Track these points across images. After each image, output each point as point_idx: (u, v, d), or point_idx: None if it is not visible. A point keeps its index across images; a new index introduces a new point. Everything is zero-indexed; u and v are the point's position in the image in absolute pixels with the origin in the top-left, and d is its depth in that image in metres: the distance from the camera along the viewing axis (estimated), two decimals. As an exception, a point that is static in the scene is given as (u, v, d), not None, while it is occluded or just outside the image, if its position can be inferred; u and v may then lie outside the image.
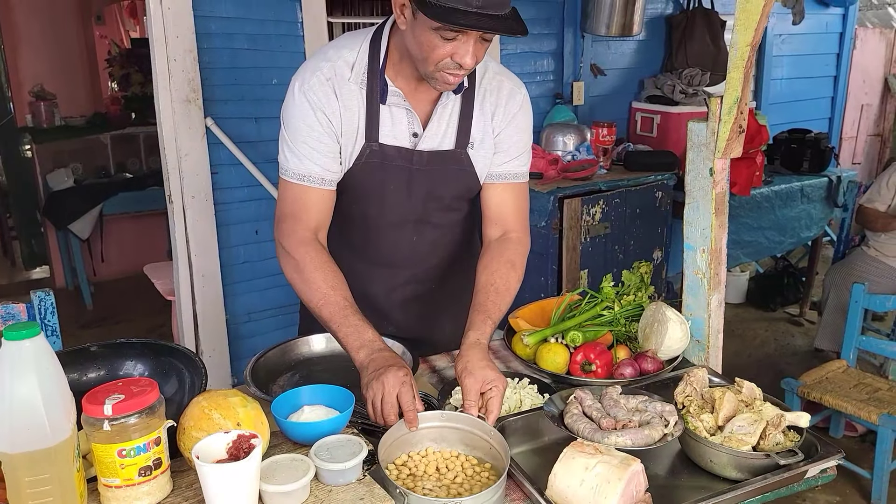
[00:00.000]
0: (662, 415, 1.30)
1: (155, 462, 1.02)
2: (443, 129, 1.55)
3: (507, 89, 1.59)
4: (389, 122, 1.52)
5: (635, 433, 1.25)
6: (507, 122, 1.59)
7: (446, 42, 1.33)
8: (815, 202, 3.92)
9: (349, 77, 1.48)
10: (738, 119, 1.56)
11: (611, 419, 1.29)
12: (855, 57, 5.33)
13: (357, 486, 1.10)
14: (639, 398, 1.35)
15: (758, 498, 1.27)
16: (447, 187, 1.61)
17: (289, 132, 1.50)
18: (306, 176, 1.50)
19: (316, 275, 1.45)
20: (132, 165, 4.99)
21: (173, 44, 2.62)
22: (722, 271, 1.71)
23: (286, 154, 1.51)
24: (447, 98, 1.54)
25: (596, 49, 3.97)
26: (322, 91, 1.46)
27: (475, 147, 1.57)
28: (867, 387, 2.79)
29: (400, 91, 1.50)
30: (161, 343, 1.42)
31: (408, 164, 1.55)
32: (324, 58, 1.49)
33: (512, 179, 1.62)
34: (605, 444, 1.22)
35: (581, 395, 1.34)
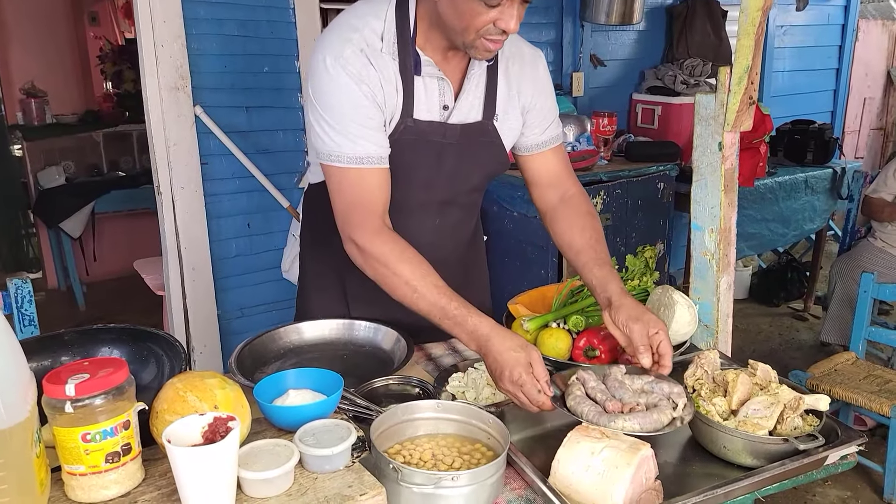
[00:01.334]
0: (670, 396, 1.22)
1: (124, 447, 0.93)
2: (471, 99, 1.48)
3: (528, 56, 1.55)
4: (423, 95, 1.43)
5: (643, 417, 1.16)
6: (539, 90, 1.56)
7: (490, 8, 1.26)
8: (820, 194, 3.84)
9: (381, 48, 1.37)
10: (748, 89, 1.49)
11: (616, 402, 1.21)
12: (857, 49, 5.27)
13: (345, 472, 1.02)
14: (644, 379, 1.26)
15: (775, 486, 1.19)
16: (477, 164, 1.54)
17: (330, 113, 1.36)
18: (364, 158, 1.37)
19: (401, 268, 1.34)
20: (125, 163, 4.92)
21: (160, 28, 2.54)
22: (731, 252, 1.64)
23: (332, 138, 1.37)
24: (478, 67, 1.46)
25: (596, 39, 3.90)
26: (360, 62, 1.35)
27: (500, 119, 1.51)
28: (877, 378, 2.71)
29: (431, 60, 1.41)
30: (139, 328, 1.35)
31: (440, 138, 1.46)
32: (350, 28, 1.37)
33: (554, 143, 1.62)
34: (611, 427, 1.14)
35: (584, 376, 1.26)
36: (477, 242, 1.81)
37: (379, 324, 1.61)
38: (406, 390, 1.39)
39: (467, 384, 1.42)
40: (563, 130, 1.67)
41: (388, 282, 1.35)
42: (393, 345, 1.57)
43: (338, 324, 1.63)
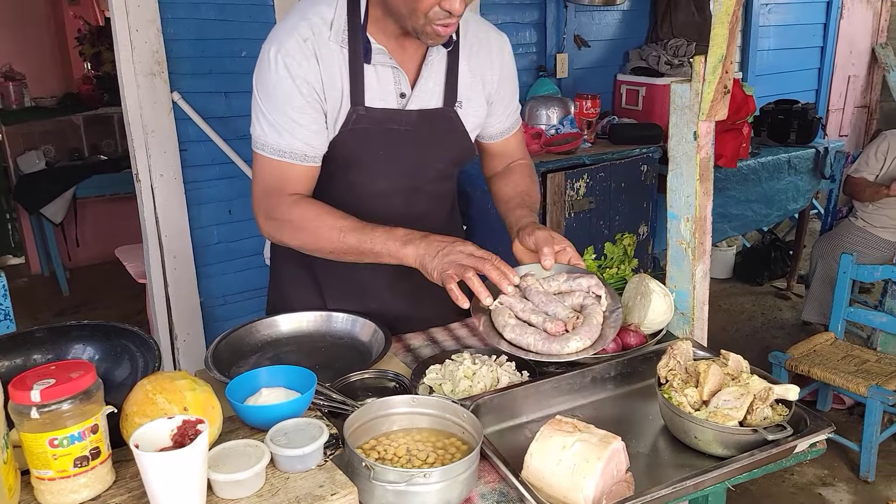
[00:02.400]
0: (589, 290, 1.26)
1: (92, 452, 0.93)
2: (430, 86, 1.47)
3: (495, 44, 1.55)
4: (375, 83, 1.42)
5: (588, 330, 1.20)
6: (504, 77, 1.57)
7: None
8: (803, 174, 3.86)
9: (328, 36, 1.36)
10: (723, 79, 1.48)
11: (557, 321, 1.22)
12: (842, 27, 5.25)
13: (317, 472, 1.02)
14: (559, 279, 1.30)
15: (745, 475, 1.21)
16: (439, 150, 1.53)
17: (265, 103, 1.38)
18: (287, 152, 1.39)
19: (319, 218, 1.38)
20: (107, 147, 4.87)
21: (135, 13, 2.50)
22: (707, 241, 1.64)
23: (262, 126, 1.39)
24: (436, 53, 1.45)
25: (580, 20, 3.87)
26: (301, 55, 1.34)
27: (464, 106, 1.51)
28: (855, 359, 2.75)
29: (384, 48, 1.40)
30: (112, 325, 1.34)
31: (396, 125, 1.45)
32: (300, 16, 1.37)
33: (515, 127, 1.68)
34: (565, 355, 1.17)
35: (509, 301, 1.26)
36: (454, 233, 1.80)
37: (358, 315, 1.61)
38: (382, 384, 1.39)
39: (444, 376, 1.43)
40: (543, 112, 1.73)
41: (313, 238, 1.38)
42: (371, 336, 1.57)
43: (315, 316, 1.63)
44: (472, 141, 1.58)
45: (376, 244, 1.33)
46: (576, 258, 1.36)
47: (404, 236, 1.32)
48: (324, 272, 1.60)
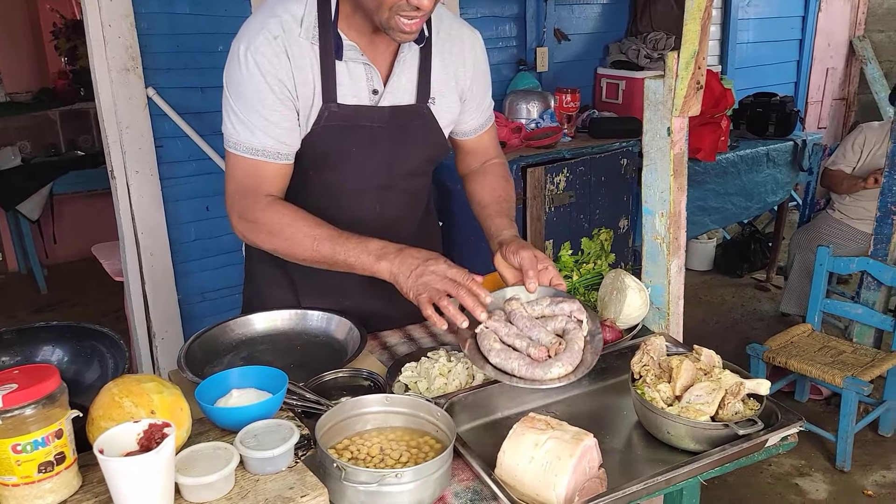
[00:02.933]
0: (572, 314, 1.28)
1: (57, 457, 0.92)
2: (402, 83, 1.46)
3: (468, 41, 1.54)
4: (347, 80, 1.41)
5: (569, 356, 1.21)
6: (477, 74, 1.56)
7: None
8: (781, 166, 3.89)
9: (299, 32, 1.35)
10: (695, 74, 1.49)
11: (540, 347, 1.23)
12: (820, 20, 5.29)
13: (287, 473, 1.02)
14: (542, 303, 1.32)
15: (717, 470, 1.22)
16: (412, 147, 1.52)
17: (236, 101, 1.36)
18: (259, 150, 1.38)
19: (295, 225, 1.36)
20: (84, 142, 4.81)
21: (107, 8, 2.46)
22: (681, 236, 1.65)
23: (234, 125, 1.38)
24: (408, 50, 1.44)
25: (559, 13, 3.86)
26: (271, 52, 1.33)
27: (437, 102, 1.50)
28: (832, 350, 2.78)
29: (355, 45, 1.39)
30: (82, 325, 1.32)
31: (369, 122, 1.44)
32: (269, 13, 1.35)
33: (488, 124, 1.67)
34: (549, 378, 1.19)
35: (494, 326, 1.27)
36: (428, 230, 1.77)
37: (332, 313, 1.60)
38: (357, 382, 1.39)
39: (420, 374, 1.43)
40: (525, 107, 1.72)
41: (287, 243, 1.37)
42: (346, 335, 1.57)
43: (290, 314, 1.62)
44: (446, 137, 1.58)
45: (349, 255, 1.31)
46: (557, 278, 1.37)
47: (378, 250, 1.30)
48: (298, 270, 1.59)
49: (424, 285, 1.21)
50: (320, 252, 1.33)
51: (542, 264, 1.37)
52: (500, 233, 1.49)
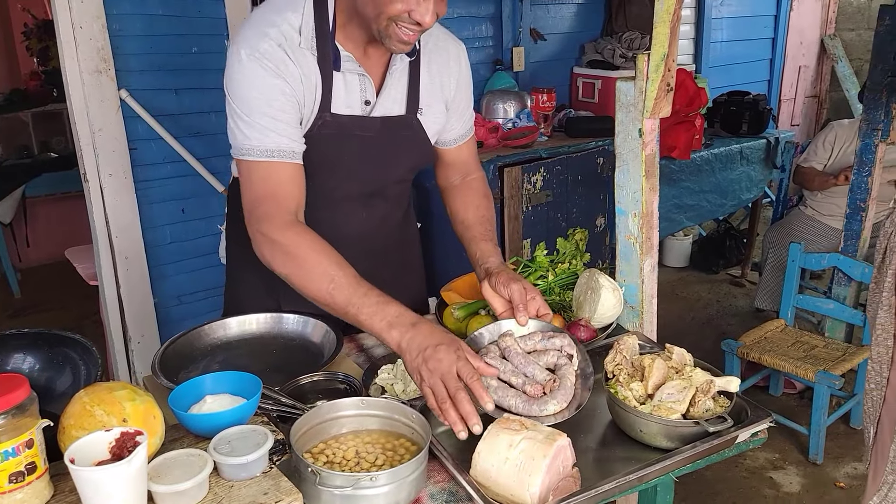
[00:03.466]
0: (563, 349, 1.30)
1: (28, 467, 0.92)
2: (393, 93, 1.47)
3: (453, 51, 1.55)
4: (343, 91, 1.42)
5: (563, 393, 1.23)
6: (461, 85, 1.58)
7: None
8: (755, 164, 3.94)
9: (299, 42, 1.35)
10: (665, 77, 1.50)
11: (536, 384, 1.25)
12: (792, 19, 5.36)
13: (262, 479, 1.02)
14: (535, 338, 1.34)
15: (688, 466, 1.24)
16: (401, 156, 1.54)
17: (242, 106, 1.33)
18: (274, 151, 1.34)
19: (317, 258, 1.28)
20: (57, 144, 4.75)
21: (78, 9, 2.43)
22: (654, 235, 1.67)
23: (242, 131, 1.34)
24: (400, 62, 1.45)
25: (535, 13, 3.88)
26: (278, 57, 1.33)
27: (424, 112, 1.52)
28: (804, 345, 2.82)
29: (352, 56, 1.39)
30: (54, 332, 1.31)
31: (360, 132, 1.45)
32: (267, 22, 1.34)
33: (469, 135, 1.68)
34: (543, 416, 1.20)
35: (489, 362, 1.29)
36: (409, 232, 1.82)
37: (309, 316, 1.60)
38: (333, 386, 1.39)
39: (396, 376, 1.43)
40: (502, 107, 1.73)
41: (302, 274, 1.30)
42: (323, 337, 1.57)
43: (266, 317, 1.61)
44: (432, 145, 1.60)
45: (362, 312, 1.24)
46: (543, 307, 1.40)
47: (394, 318, 1.22)
48: None
49: (429, 372, 1.15)
50: (333, 297, 1.26)
51: (530, 295, 1.39)
52: (486, 259, 1.50)
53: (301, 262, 1.30)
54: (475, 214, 1.61)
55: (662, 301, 1.85)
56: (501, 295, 1.42)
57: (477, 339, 1.40)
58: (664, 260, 4.68)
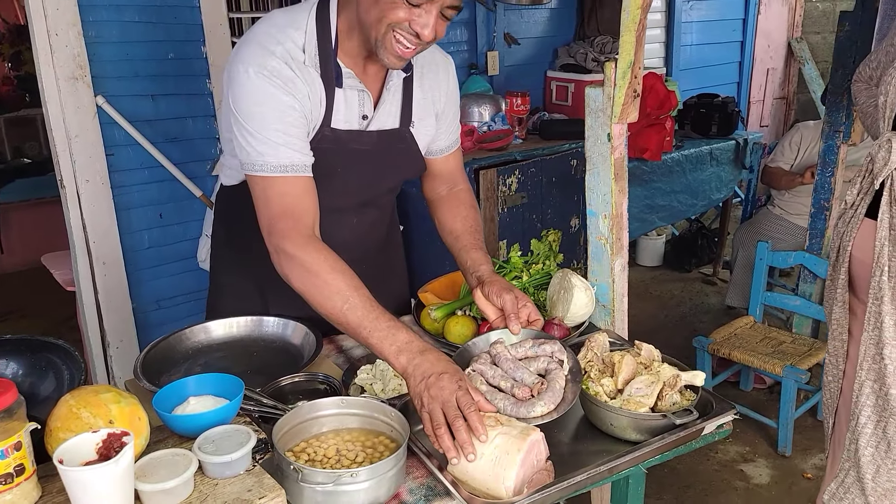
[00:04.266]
0: (553, 355, 1.33)
1: (17, 468, 0.94)
2: (389, 108, 1.52)
3: (442, 65, 1.60)
4: (343, 106, 1.45)
5: (551, 394, 1.26)
6: (449, 97, 1.62)
7: (410, 7, 1.28)
8: (725, 165, 4.03)
9: (304, 60, 1.38)
10: (632, 83, 1.56)
11: (524, 387, 1.28)
12: (760, 22, 5.48)
13: (245, 476, 1.05)
14: (525, 345, 1.37)
15: (657, 458, 1.29)
16: (393, 169, 1.59)
17: (252, 122, 1.35)
18: (288, 166, 1.36)
19: (334, 277, 1.30)
20: (31, 150, 4.72)
21: (54, 16, 2.43)
22: (624, 236, 1.73)
23: (254, 147, 1.35)
24: (396, 78, 1.50)
25: (509, 18, 3.94)
26: (286, 75, 1.35)
27: (416, 125, 1.57)
28: (773, 340, 2.90)
29: (352, 72, 1.43)
30: (36, 338, 1.33)
31: (358, 145, 1.49)
32: (272, 40, 1.37)
33: (455, 146, 1.72)
34: (532, 417, 1.22)
35: (480, 368, 1.33)
36: (393, 236, 1.87)
37: (289, 319, 1.63)
38: (313, 386, 1.42)
39: (375, 376, 1.47)
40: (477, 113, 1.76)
41: (319, 291, 1.31)
42: (302, 339, 1.60)
43: (247, 320, 1.64)
44: (423, 158, 1.64)
45: (373, 336, 1.26)
46: (534, 313, 1.45)
47: (404, 344, 1.24)
48: (267, 279, 1.60)
49: (431, 399, 1.18)
50: (346, 317, 1.28)
51: (521, 302, 1.44)
52: (477, 268, 1.53)
53: (318, 280, 1.31)
54: (463, 224, 1.64)
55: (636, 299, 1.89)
56: (493, 303, 1.46)
57: (470, 349, 1.43)
58: (638, 259, 4.76)
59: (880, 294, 1.39)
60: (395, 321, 1.28)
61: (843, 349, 1.58)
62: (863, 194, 1.46)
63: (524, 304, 1.45)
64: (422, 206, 1.77)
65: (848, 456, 1.52)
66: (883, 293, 1.39)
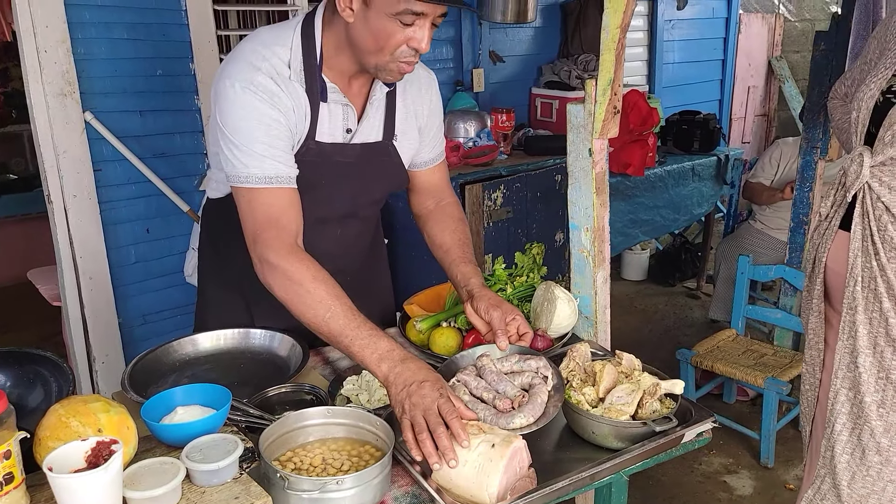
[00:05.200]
0: (538, 371, 1.36)
1: (6, 477, 0.95)
2: (372, 122, 1.55)
3: (425, 80, 1.64)
4: (327, 120, 1.49)
5: (532, 407, 1.28)
6: (432, 111, 1.66)
7: (404, 27, 1.32)
8: (706, 180, 4.10)
9: (289, 75, 1.42)
10: (612, 100, 1.60)
11: (505, 399, 1.31)
12: (741, 41, 5.60)
13: (232, 484, 1.06)
14: (511, 360, 1.41)
15: (638, 465, 1.32)
16: (377, 181, 1.62)
17: (238, 136, 1.38)
18: (273, 177, 1.40)
19: (316, 286, 1.33)
20: (16, 165, 4.71)
21: (43, 34, 2.45)
22: (606, 249, 1.76)
23: (240, 159, 1.39)
24: (379, 92, 1.53)
25: (494, 36, 4.00)
26: (272, 90, 1.39)
27: (399, 139, 1.60)
28: (754, 353, 2.95)
29: (336, 87, 1.47)
30: (24, 351, 1.34)
31: (342, 158, 1.52)
32: (258, 56, 1.41)
33: (439, 159, 1.75)
34: (511, 429, 1.24)
35: (464, 378, 1.35)
36: (377, 248, 1.90)
37: (275, 331, 1.65)
38: (299, 397, 1.44)
39: (361, 386, 1.49)
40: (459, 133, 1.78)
41: (301, 300, 1.33)
42: (289, 351, 1.62)
43: (234, 333, 1.66)
44: (406, 170, 1.67)
45: (354, 345, 1.28)
46: (524, 326, 1.49)
47: (385, 352, 1.27)
48: (253, 292, 1.62)
49: (412, 406, 1.20)
50: (328, 326, 1.30)
51: (510, 316, 1.47)
52: (467, 281, 1.57)
53: (300, 290, 1.33)
54: (452, 238, 1.67)
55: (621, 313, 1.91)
56: (483, 318, 1.50)
57: (457, 361, 1.46)
58: (623, 273, 4.81)
59: (854, 304, 1.44)
60: (377, 330, 1.30)
61: (820, 358, 1.62)
62: (836, 207, 1.52)
63: (513, 318, 1.47)
64: (407, 219, 1.80)
65: (824, 463, 1.56)
66: (857, 303, 1.43)
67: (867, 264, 1.41)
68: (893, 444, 1.44)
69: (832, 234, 1.53)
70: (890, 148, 1.38)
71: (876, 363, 1.43)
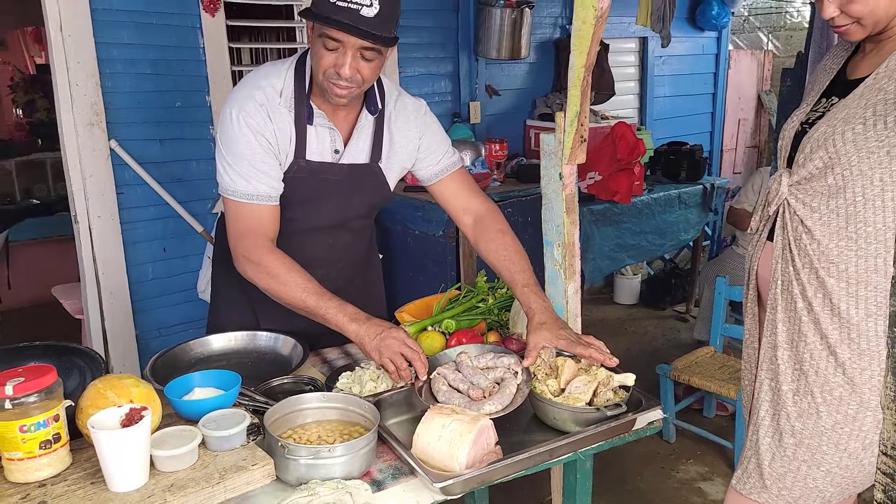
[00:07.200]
0: (510, 367, 1.56)
1: (54, 437, 1.16)
2: (360, 145, 1.78)
3: (410, 107, 1.86)
4: (315, 141, 1.72)
5: (500, 397, 1.48)
6: (425, 132, 1.87)
7: (329, 52, 1.56)
8: (692, 207, 4.30)
9: (279, 102, 1.67)
10: (579, 130, 1.82)
11: (478, 389, 1.51)
12: (730, 76, 5.84)
13: (241, 450, 1.26)
14: (487, 357, 1.61)
15: (594, 447, 1.50)
16: (362, 197, 1.84)
17: (230, 156, 1.66)
18: (254, 195, 1.67)
19: (292, 275, 1.63)
20: (39, 191, 4.97)
21: (75, 69, 2.72)
22: (576, 263, 1.96)
23: (231, 176, 1.66)
24: (364, 120, 1.77)
25: (490, 71, 4.26)
26: (259, 116, 1.65)
27: (384, 162, 1.82)
28: (730, 368, 3.12)
29: (323, 113, 1.71)
30: (62, 344, 1.55)
31: (330, 175, 1.76)
32: (255, 86, 1.67)
33: (452, 168, 1.91)
34: (481, 413, 1.43)
35: (443, 371, 1.55)
36: (371, 260, 2.11)
37: (279, 333, 1.86)
38: (299, 387, 1.64)
39: (353, 380, 1.69)
40: (459, 156, 1.95)
41: (280, 288, 1.64)
42: (291, 350, 1.82)
43: (242, 335, 1.87)
44: (391, 189, 1.89)
45: (328, 312, 1.59)
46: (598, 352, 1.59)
47: (353, 314, 1.58)
48: (259, 296, 1.83)
49: (386, 347, 1.53)
50: (305, 303, 1.60)
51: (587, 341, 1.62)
52: (528, 306, 1.70)
53: (279, 279, 1.64)
54: (496, 259, 1.82)
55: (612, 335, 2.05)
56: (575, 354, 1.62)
57: (439, 358, 1.67)
58: (615, 297, 4.99)
59: (775, 304, 1.64)
60: (343, 301, 1.61)
61: (755, 356, 1.81)
62: (763, 221, 1.73)
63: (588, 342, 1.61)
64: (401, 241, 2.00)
65: (750, 445, 1.75)
66: (777, 303, 1.63)
67: (786, 269, 1.61)
68: (806, 428, 1.62)
69: (762, 245, 1.74)
70: (803, 169, 1.59)
71: (792, 356, 1.62)
